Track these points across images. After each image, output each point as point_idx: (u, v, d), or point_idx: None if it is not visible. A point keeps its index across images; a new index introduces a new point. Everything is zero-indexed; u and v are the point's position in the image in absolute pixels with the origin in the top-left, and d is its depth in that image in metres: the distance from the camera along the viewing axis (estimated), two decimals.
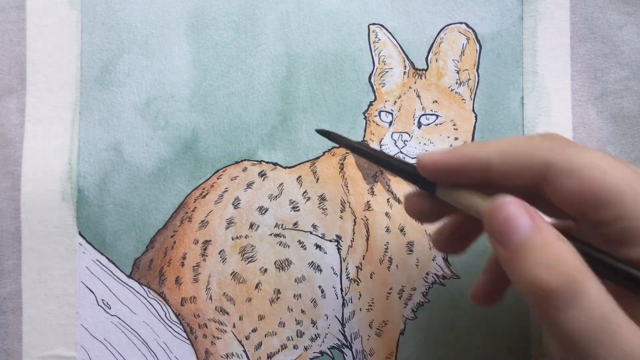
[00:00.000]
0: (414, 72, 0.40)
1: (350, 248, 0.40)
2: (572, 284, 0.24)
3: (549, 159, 0.27)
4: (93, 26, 0.41)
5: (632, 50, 0.40)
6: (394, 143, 0.40)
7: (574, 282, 0.24)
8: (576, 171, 0.26)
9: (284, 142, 0.40)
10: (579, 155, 0.26)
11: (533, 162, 0.27)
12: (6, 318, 0.40)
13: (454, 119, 0.40)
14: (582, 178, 0.26)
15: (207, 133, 0.40)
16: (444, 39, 0.40)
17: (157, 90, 0.41)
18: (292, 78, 0.40)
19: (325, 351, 0.40)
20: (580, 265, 0.25)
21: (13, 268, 0.40)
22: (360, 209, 0.40)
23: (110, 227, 0.40)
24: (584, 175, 0.26)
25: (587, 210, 0.26)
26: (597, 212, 0.26)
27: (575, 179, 0.26)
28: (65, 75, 0.41)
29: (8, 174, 0.40)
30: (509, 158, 0.28)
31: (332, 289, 0.40)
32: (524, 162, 0.27)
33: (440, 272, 0.40)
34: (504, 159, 0.28)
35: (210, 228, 0.40)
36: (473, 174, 0.29)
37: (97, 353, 0.40)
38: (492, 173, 0.28)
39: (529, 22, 0.40)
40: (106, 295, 0.40)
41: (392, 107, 0.40)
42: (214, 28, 0.41)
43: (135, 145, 0.40)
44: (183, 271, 0.40)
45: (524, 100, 0.40)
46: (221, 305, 0.40)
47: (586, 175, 0.26)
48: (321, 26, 0.41)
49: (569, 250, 0.25)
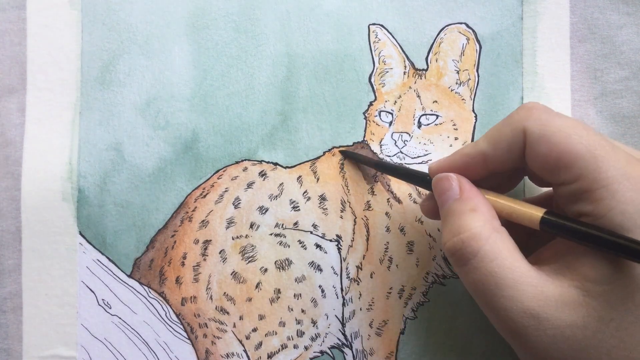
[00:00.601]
0: (414, 72, 0.40)
1: (351, 248, 0.40)
2: (464, 249, 0.30)
3: (524, 126, 0.31)
4: (93, 26, 0.41)
5: (632, 50, 0.40)
6: (394, 143, 0.40)
7: (465, 247, 0.30)
8: (546, 136, 0.30)
9: (284, 142, 0.40)
10: (550, 121, 0.30)
11: (514, 134, 0.31)
12: (6, 318, 0.40)
13: (454, 119, 0.40)
14: (550, 143, 0.29)
15: (207, 133, 0.40)
16: (444, 39, 0.40)
17: (157, 90, 0.41)
18: (292, 78, 0.41)
19: (326, 351, 0.40)
20: (478, 231, 0.30)
21: (13, 268, 0.40)
22: (360, 209, 0.40)
23: (111, 227, 0.40)
24: (551, 140, 0.29)
25: (553, 172, 0.30)
26: (560, 173, 0.29)
27: (544, 144, 0.30)
28: (66, 75, 0.41)
29: (8, 174, 0.40)
30: (495, 140, 0.32)
31: (332, 289, 0.40)
32: (507, 138, 0.31)
33: (440, 271, 0.40)
34: (492, 143, 0.32)
35: (210, 228, 0.40)
36: (476, 169, 0.33)
37: (97, 353, 0.40)
38: (490, 162, 0.32)
39: (529, 22, 0.40)
40: (106, 295, 0.40)
41: (392, 107, 0.40)
42: (214, 28, 0.41)
43: (135, 145, 0.40)
44: (183, 271, 0.40)
45: (524, 100, 0.40)
46: (221, 305, 0.40)
47: (553, 140, 0.29)
48: (321, 26, 0.41)
49: (472, 220, 0.31)
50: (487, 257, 0.30)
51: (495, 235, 0.30)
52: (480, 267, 0.30)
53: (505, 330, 0.30)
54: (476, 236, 0.30)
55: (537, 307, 0.28)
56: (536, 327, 0.28)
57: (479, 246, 0.30)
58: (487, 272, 0.30)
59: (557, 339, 0.28)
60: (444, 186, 0.33)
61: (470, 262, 0.30)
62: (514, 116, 0.31)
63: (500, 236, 0.30)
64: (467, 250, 0.30)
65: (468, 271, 0.30)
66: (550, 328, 0.28)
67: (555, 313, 0.28)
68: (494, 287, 0.29)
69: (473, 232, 0.30)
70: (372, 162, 0.39)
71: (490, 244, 0.30)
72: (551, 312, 0.28)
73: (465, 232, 0.30)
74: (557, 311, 0.28)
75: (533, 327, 0.28)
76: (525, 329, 0.29)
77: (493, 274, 0.29)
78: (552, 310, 0.28)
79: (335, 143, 0.40)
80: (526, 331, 0.29)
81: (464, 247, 0.30)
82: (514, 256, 0.30)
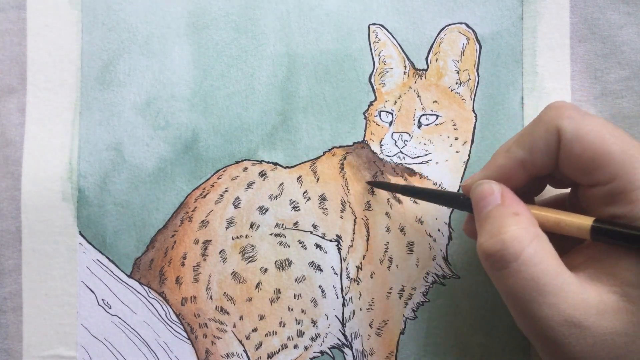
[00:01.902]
0: (414, 72, 0.40)
1: (351, 248, 0.40)
2: (504, 251, 0.28)
3: (557, 125, 0.30)
4: (93, 26, 0.41)
5: (632, 50, 0.40)
6: (394, 143, 0.40)
7: (506, 249, 0.28)
8: (580, 136, 0.29)
9: (284, 142, 0.40)
10: (583, 121, 0.29)
11: (548, 135, 0.30)
12: (6, 318, 0.40)
13: (454, 119, 0.40)
14: (584, 142, 0.29)
15: (207, 133, 0.40)
16: (444, 39, 0.40)
17: (157, 90, 0.41)
18: (292, 78, 0.41)
19: (326, 351, 0.40)
20: (520, 235, 0.29)
21: (13, 268, 0.40)
22: (360, 209, 0.40)
23: (111, 227, 0.40)
24: (585, 139, 0.29)
25: (587, 172, 0.29)
26: (594, 174, 0.29)
27: (578, 144, 0.29)
28: (66, 75, 0.41)
29: (8, 174, 0.40)
30: (530, 144, 0.31)
31: (332, 289, 0.40)
32: (542, 140, 0.30)
33: (440, 272, 0.40)
34: (528, 147, 0.31)
35: (210, 228, 0.40)
36: (513, 180, 0.32)
37: (97, 353, 0.40)
38: (528, 168, 0.31)
39: (529, 22, 0.40)
40: (106, 295, 0.40)
41: (392, 107, 0.40)
42: (214, 28, 0.41)
43: (135, 145, 0.40)
44: (183, 271, 0.40)
45: (524, 100, 0.40)
46: (221, 305, 0.40)
47: (587, 139, 0.29)
48: (321, 26, 0.41)
49: (514, 223, 0.29)
50: (531, 261, 0.28)
51: (539, 238, 0.29)
52: (521, 271, 0.28)
53: (540, 338, 0.29)
54: (519, 238, 0.29)
55: (578, 315, 0.27)
56: (577, 335, 0.27)
57: (522, 248, 0.28)
58: (529, 276, 0.28)
59: (597, 347, 0.27)
60: (485, 191, 0.31)
61: (511, 265, 0.28)
62: (545, 117, 0.31)
63: (543, 240, 0.29)
64: (509, 251, 0.28)
65: (507, 275, 0.29)
66: (591, 336, 0.27)
67: (597, 321, 0.27)
68: (535, 294, 0.28)
69: (516, 233, 0.29)
70: (399, 188, 0.39)
71: (534, 247, 0.28)
72: (592, 320, 0.27)
73: (507, 232, 0.29)
74: (598, 318, 0.27)
75: (574, 336, 0.27)
76: (565, 338, 0.28)
77: (535, 279, 0.28)
78: (593, 318, 0.27)
79: (335, 143, 0.40)
80: (566, 340, 0.28)
81: (505, 249, 0.28)
82: (556, 262, 0.29)
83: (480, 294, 0.40)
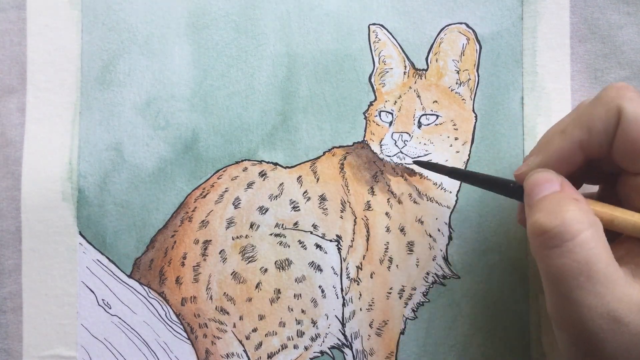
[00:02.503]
0: (414, 72, 0.40)
1: (351, 248, 0.40)
2: (563, 227, 0.27)
3: (619, 105, 0.29)
4: (93, 26, 0.41)
5: (632, 50, 0.40)
6: (394, 143, 0.40)
7: (565, 226, 0.27)
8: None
9: (284, 142, 0.40)
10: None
11: (608, 115, 0.29)
12: (6, 318, 0.40)
13: (454, 119, 0.40)
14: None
15: (207, 133, 0.40)
16: (444, 39, 0.40)
17: (157, 90, 0.41)
18: (292, 78, 0.41)
19: (326, 351, 0.40)
20: (580, 217, 0.28)
21: (13, 268, 0.40)
22: (360, 209, 0.40)
23: (111, 227, 0.40)
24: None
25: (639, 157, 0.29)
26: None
27: (638, 126, 0.28)
28: (66, 75, 0.41)
29: (8, 174, 0.40)
30: (589, 124, 0.30)
31: (332, 289, 0.40)
32: (602, 120, 0.29)
33: (440, 272, 0.40)
34: (587, 128, 0.30)
35: (210, 228, 0.40)
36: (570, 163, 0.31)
37: (97, 353, 0.40)
38: (587, 150, 0.30)
39: (529, 22, 0.40)
40: (106, 295, 0.40)
41: (392, 107, 0.40)
42: (214, 28, 0.41)
43: (135, 145, 0.40)
44: (183, 271, 0.40)
45: (524, 100, 0.40)
46: (221, 305, 0.40)
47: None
48: (321, 26, 0.41)
49: (575, 206, 0.28)
50: (588, 244, 0.27)
51: (597, 226, 0.28)
52: (576, 252, 0.27)
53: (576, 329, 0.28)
54: (579, 219, 0.28)
55: (621, 310, 0.27)
56: (614, 331, 0.27)
57: (581, 229, 0.27)
58: (582, 259, 0.27)
59: (631, 345, 0.27)
60: (544, 178, 0.30)
61: (566, 244, 0.27)
62: (605, 96, 0.30)
63: (600, 228, 0.28)
64: (567, 229, 0.27)
65: (559, 254, 0.27)
66: (628, 333, 0.27)
67: (637, 318, 0.27)
68: (584, 279, 0.27)
69: (577, 214, 0.28)
70: (446, 170, 0.37)
71: (592, 232, 0.27)
72: (633, 317, 0.27)
73: (568, 212, 0.28)
74: (638, 316, 0.27)
75: (611, 331, 0.27)
76: (603, 332, 0.27)
77: (589, 264, 0.27)
78: (634, 315, 0.27)
79: (335, 143, 0.40)
80: (602, 335, 0.27)
81: (564, 226, 0.27)
82: (609, 252, 0.28)
83: (480, 294, 0.40)
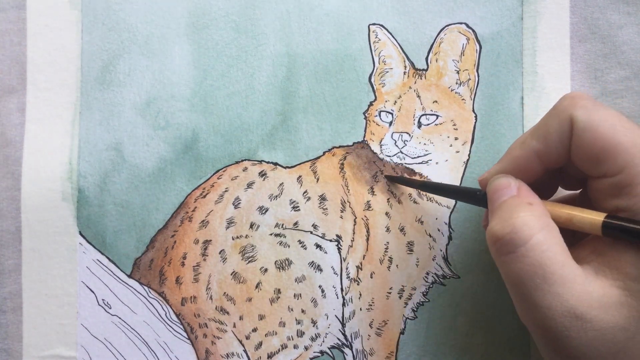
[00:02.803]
0: (414, 72, 0.40)
1: (351, 248, 0.40)
2: (514, 234, 0.29)
3: (571, 114, 0.30)
4: (93, 26, 0.41)
5: (632, 50, 0.40)
6: (394, 143, 0.40)
7: (516, 232, 0.29)
8: (593, 126, 0.29)
9: (284, 142, 0.40)
10: (595, 111, 0.29)
11: (561, 124, 0.30)
12: (6, 318, 0.40)
13: (454, 119, 0.40)
14: (596, 132, 0.29)
15: (207, 133, 0.40)
16: (444, 39, 0.40)
17: (157, 90, 0.41)
18: (292, 78, 0.41)
19: (326, 351, 0.40)
20: (531, 221, 0.29)
21: (13, 268, 0.40)
22: (360, 209, 0.40)
23: (111, 227, 0.40)
24: (597, 129, 0.29)
25: (596, 163, 0.29)
26: (603, 164, 0.29)
27: (590, 133, 0.29)
28: (66, 75, 0.41)
29: (8, 174, 0.40)
30: (544, 134, 0.31)
31: (332, 289, 0.40)
32: (556, 129, 0.30)
33: (440, 271, 0.40)
34: (542, 138, 0.31)
35: (210, 228, 0.40)
36: (528, 171, 0.32)
37: (97, 353, 0.40)
38: (543, 159, 0.31)
39: (529, 22, 0.40)
40: (106, 295, 0.40)
41: (392, 107, 0.40)
42: (214, 28, 0.41)
43: (135, 145, 0.40)
44: (183, 271, 0.40)
45: (524, 100, 0.40)
46: (221, 305, 0.40)
47: (599, 129, 0.29)
48: (321, 26, 0.41)
49: (528, 211, 0.29)
50: (539, 247, 0.28)
51: (549, 228, 0.29)
52: (529, 256, 0.28)
53: (541, 328, 0.29)
54: (529, 224, 0.29)
55: (581, 307, 0.27)
56: (578, 328, 0.27)
57: (532, 234, 0.28)
58: (536, 262, 0.28)
59: (597, 340, 0.27)
60: (502, 184, 0.32)
61: (519, 249, 0.28)
62: (559, 106, 0.31)
63: (553, 230, 0.29)
64: (518, 235, 0.28)
65: (514, 259, 0.29)
66: (592, 330, 0.27)
67: (599, 314, 0.27)
68: (540, 281, 0.28)
69: (527, 219, 0.29)
70: (417, 183, 0.39)
71: (544, 235, 0.28)
72: (595, 313, 0.27)
73: (518, 218, 0.29)
74: (601, 312, 0.27)
75: (574, 328, 0.27)
76: (566, 330, 0.28)
77: (543, 266, 0.28)
78: (596, 311, 0.27)
79: (335, 143, 0.40)
80: (566, 332, 0.28)
81: (515, 233, 0.29)
82: (564, 252, 0.29)
83: (480, 294, 0.40)
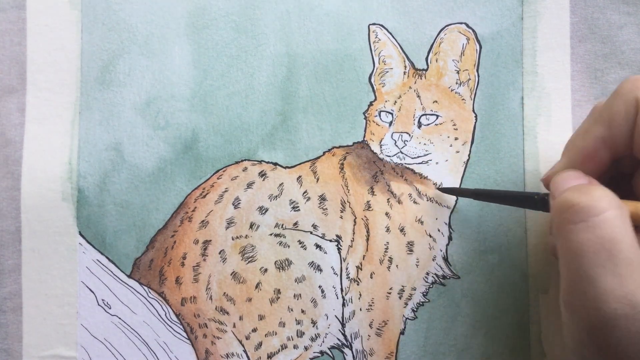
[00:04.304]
0: (414, 72, 0.40)
1: (351, 248, 0.40)
2: (591, 202, 0.27)
3: (637, 95, 0.29)
4: (93, 26, 0.41)
5: (632, 50, 0.40)
6: (394, 143, 0.40)
7: (593, 201, 0.27)
8: None
9: (284, 142, 0.40)
10: None
11: (627, 107, 0.29)
12: (6, 318, 0.40)
13: (454, 119, 0.40)
14: None
15: (207, 133, 0.40)
16: (444, 39, 0.40)
17: (157, 90, 0.41)
18: (292, 78, 0.41)
19: (326, 351, 0.40)
20: (609, 196, 0.27)
21: (13, 268, 0.40)
22: (360, 209, 0.40)
23: (111, 227, 0.40)
24: None
25: None
26: None
27: None
28: (66, 75, 0.41)
29: (8, 174, 0.40)
30: (609, 119, 0.30)
31: (332, 289, 0.40)
32: (621, 113, 0.29)
33: (440, 272, 0.40)
34: (607, 123, 0.30)
35: (210, 228, 0.40)
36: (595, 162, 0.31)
37: (97, 353, 0.40)
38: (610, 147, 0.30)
39: (529, 22, 0.40)
40: (106, 295, 0.40)
41: (392, 107, 0.40)
42: (214, 28, 0.41)
43: (135, 145, 0.40)
44: (183, 271, 0.40)
45: (524, 100, 0.40)
46: (221, 305, 0.40)
47: None
48: (321, 26, 0.41)
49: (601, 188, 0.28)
50: (613, 221, 0.27)
51: (624, 211, 0.27)
52: (601, 227, 0.26)
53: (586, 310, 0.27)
54: (608, 198, 0.27)
55: (639, 295, 0.26)
56: (628, 316, 0.26)
57: (608, 208, 0.27)
58: (607, 236, 0.26)
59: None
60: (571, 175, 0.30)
61: (592, 219, 0.27)
62: (622, 90, 0.30)
63: (627, 215, 0.28)
64: (594, 204, 0.27)
65: (583, 229, 0.27)
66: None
67: None
68: (605, 257, 0.26)
69: (606, 194, 0.28)
70: (469, 192, 0.38)
71: (620, 212, 0.27)
72: None
73: (597, 190, 0.28)
74: None
75: (624, 317, 0.26)
76: (615, 318, 0.26)
77: (612, 241, 0.26)
78: None
79: (335, 143, 0.40)
80: (613, 321, 0.26)
81: (592, 201, 0.27)
82: (634, 237, 0.27)
83: (480, 294, 0.40)
